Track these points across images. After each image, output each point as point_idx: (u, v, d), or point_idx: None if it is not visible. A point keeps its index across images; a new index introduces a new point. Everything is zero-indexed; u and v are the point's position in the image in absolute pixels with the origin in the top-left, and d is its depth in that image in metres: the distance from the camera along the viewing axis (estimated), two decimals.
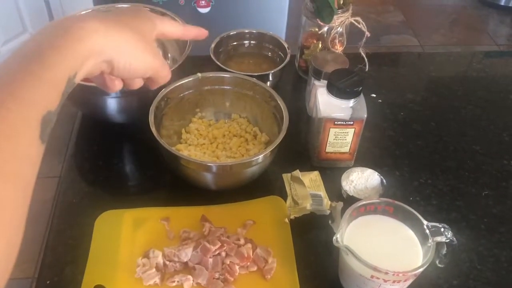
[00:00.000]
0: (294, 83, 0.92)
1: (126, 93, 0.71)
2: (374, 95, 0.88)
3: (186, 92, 0.74)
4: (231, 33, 0.88)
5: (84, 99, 0.74)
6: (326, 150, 0.71)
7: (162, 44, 0.86)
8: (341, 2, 0.83)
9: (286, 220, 0.65)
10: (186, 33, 0.53)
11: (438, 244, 0.54)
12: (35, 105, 0.34)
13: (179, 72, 0.73)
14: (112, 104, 0.73)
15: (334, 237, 0.52)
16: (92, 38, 0.39)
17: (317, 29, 0.84)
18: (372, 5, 2.66)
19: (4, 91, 0.33)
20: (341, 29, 0.83)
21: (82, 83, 0.77)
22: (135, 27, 0.44)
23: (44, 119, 0.34)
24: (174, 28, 0.50)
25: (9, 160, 0.31)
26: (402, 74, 0.98)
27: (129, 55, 0.43)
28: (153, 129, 0.65)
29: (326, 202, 0.66)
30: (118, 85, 0.48)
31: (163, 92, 0.70)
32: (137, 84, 0.49)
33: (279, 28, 1.53)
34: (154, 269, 0.58)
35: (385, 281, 0.51)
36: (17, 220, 0.31)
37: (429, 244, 0.53)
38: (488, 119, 0.86)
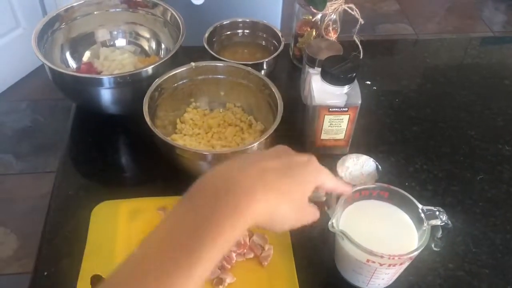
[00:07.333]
0: (288, 72, 0.92)
1: (119, 84, 0.71)
2: (369, 82, 0.88)
3: (180, 82, 0.74)
4: (224, 23, 0.88)
5: (77, 90, 0.74)
6: (321, 137, 0.71)
7: (155, 34, 0.86)
8: None
9: None
10: (340, 190, 0.52)
11: (433, 228, 0.54)
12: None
13: (173, 62, 0.73)
14: (106, 95, 0.72)
15: (329, 222, 0.52)
16: (260, 220, 0.40)
17: (310, 17, 0.84)
18: None
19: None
20: (334, 16, 0.83)
21: (74, 73, 0.78)
22: (296, 199, 0.44)
23: None
24: (332, 186, 0.50)
25: None
26: (397, 61, 0.97)
27: (278, 225, 0.44)
28: (147, 119, 0.65)
29: None
30: None
31: (157, 82, 0.70)
32: None
33: (274, 18, 1.52)
34: None
35: (380, 265, 0.52)
36: None
37: (424, 228, 0.54)
38: (482, 104, 0.86)
